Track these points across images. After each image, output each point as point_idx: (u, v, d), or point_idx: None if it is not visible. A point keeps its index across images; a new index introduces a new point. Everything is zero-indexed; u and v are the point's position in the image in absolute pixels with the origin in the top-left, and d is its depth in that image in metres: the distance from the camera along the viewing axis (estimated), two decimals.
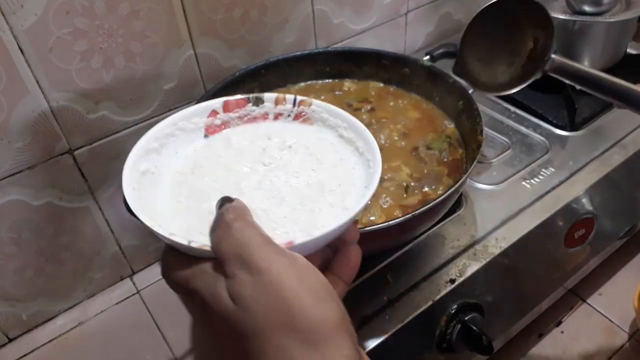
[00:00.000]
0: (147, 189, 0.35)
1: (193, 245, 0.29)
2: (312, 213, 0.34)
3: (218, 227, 0.29)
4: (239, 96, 0.41)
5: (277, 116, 0.41)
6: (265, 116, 0.41)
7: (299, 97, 0.41)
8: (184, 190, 0.36)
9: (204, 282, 0.29)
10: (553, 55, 0.67)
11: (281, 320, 0.27)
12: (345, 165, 0.38)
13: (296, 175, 0.37)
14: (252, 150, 0.39)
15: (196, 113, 0.39)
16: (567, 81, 0.67)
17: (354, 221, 0.35)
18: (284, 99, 0.41)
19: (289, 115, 0.41)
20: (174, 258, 0.31)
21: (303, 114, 0.41)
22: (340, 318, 0.29)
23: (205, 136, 0.40)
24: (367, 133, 0.38)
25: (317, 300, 0.28)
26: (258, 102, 0.41)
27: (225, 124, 0.41)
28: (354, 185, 0.36)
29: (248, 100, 0.41)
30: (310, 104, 0.41)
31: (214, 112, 0.40)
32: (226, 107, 0.40)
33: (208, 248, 0.29)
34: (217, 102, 0.40)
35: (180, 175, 0.37)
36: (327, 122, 0.40)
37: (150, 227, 0.30)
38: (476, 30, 0.68)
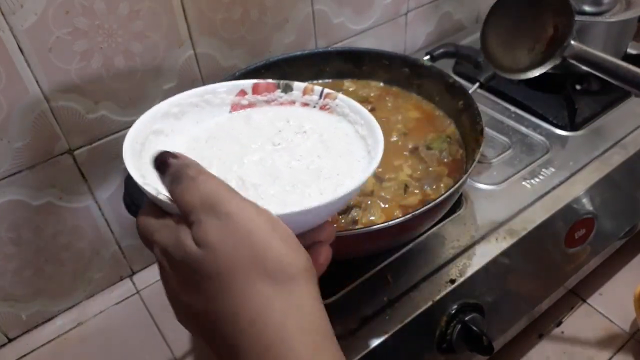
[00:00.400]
0: (155, 148, 0.35)
1: (160, 196, 0.29)
2: (301, 197, 0.34)
3: (181, 181, 0.29)
4: (269, 80, 0.41)
5: (303, 105, 0.42)
6: (291, 103, 0.42)
7: (326, 90, 0.41)
8: (191, 157, 0.36)
9: (165, 234, 0.29)
10: (572, 42, 0.67)
11: (249, 261, 0.27)
12: (351, 157, 0.38)
13: (299, 159, 0.37)
14: (268, 130, 0.40)
15: (225, 89, 0.40)
16: (585, 68, 0.67)
17: (331, 221, 0.35)
18: (312, 90, 0.42)
19: (314, 106, 0.42)
20: (148, 210, 0.31)
21: (327, 107, 0.42)
22: (309, 267, 0.29)
23: (230, 113, 0.41)
24: (379, 133, 0.38)
25: (288, 247, 0.28)
26: (287, 89, 0.42)
27: (251, 105, 0.41)
28: (352, 178, 0.36)
29: (277, 86, 0.42)
30: (335, 98, 0.41)
31: (242, 92, 0.41)
32: (255, 89, 0.41)
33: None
34: (247, 83, 0.41)
35: (195, 143, 0.38)
36: (347, 117, 0.41)
37: (132, 174, 0.31)
38: (499, 13, 0.69)
